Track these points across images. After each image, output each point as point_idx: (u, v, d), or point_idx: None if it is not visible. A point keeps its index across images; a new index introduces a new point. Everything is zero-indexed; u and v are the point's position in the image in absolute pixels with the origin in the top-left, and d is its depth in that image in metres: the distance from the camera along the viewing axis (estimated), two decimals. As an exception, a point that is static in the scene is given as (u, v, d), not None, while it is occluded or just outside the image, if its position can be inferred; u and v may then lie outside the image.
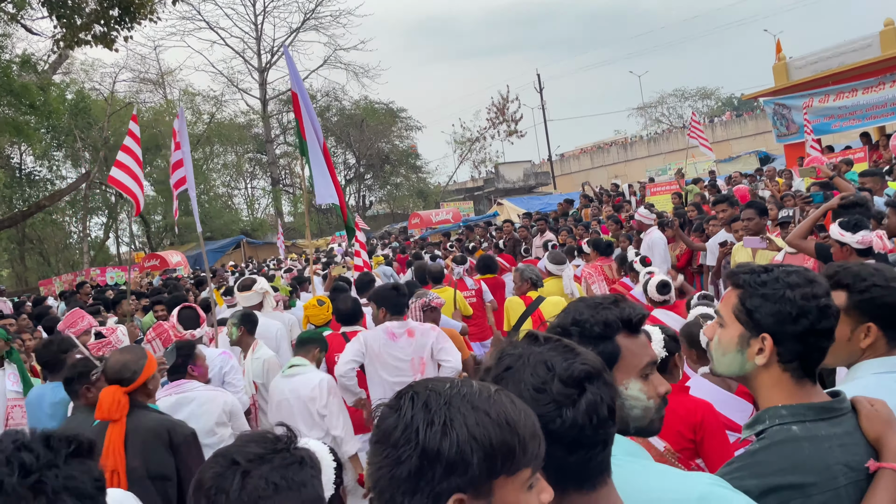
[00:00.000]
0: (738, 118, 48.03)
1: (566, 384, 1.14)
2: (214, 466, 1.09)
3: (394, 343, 4.44)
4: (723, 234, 7.25)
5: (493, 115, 44.81)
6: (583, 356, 1.18)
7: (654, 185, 16.27)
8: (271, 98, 44.42)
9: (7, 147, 29.71)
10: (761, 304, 1.55)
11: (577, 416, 1.13)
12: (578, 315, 1.44)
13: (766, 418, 1.55)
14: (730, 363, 1.62)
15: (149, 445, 2.97)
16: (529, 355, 1.19)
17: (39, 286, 22.79)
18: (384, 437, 0.98)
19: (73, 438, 0.90)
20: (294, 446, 1.14)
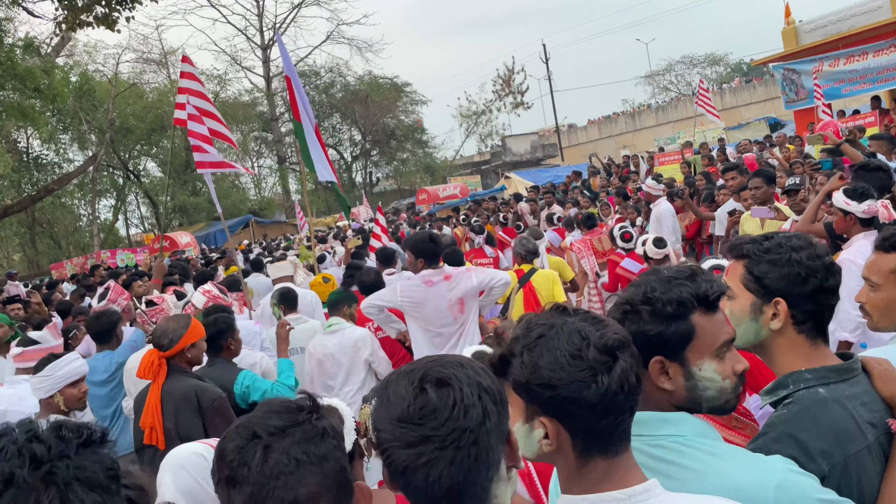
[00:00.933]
0: (748, 84, 47.38)
1: (601, 351, 1.17)
2: (236, 438, 1.08)
3: (430, 289, 4.48)
4: (731, 204, 7.21)
5: (498, 87, 44.45)
6: (613, 327, 1.23)
7: (663, 155, 16.13)
8: (275, 75, 44.14)
9: (13, 131, 29.79)
10: (770, 270, 1.58)
11: (611, 382, 1.16)
12: (650, 291, 1.40)
13: (789, 383, 1.56)
14: (744, 333, 1.63)
15: (179, 408, 3.21)
16: (562, 325, 1.21)
17: (51, 269, 22.96)
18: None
19: (84, 428, 0.90)
20: (316, 417, 1.12)
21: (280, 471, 1.03)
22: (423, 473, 1.04)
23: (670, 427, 1.38)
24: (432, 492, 1.05)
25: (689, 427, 1.39)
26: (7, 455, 0.83)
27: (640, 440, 1.38)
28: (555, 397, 1.16)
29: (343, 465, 1.10)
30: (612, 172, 16.74)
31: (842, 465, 1.42)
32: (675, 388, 1.40)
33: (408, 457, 1.04)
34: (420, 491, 1.06)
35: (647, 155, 19.10)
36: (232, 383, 3.71)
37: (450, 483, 1.04)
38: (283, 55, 7.28)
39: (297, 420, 1.09)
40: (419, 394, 1.06)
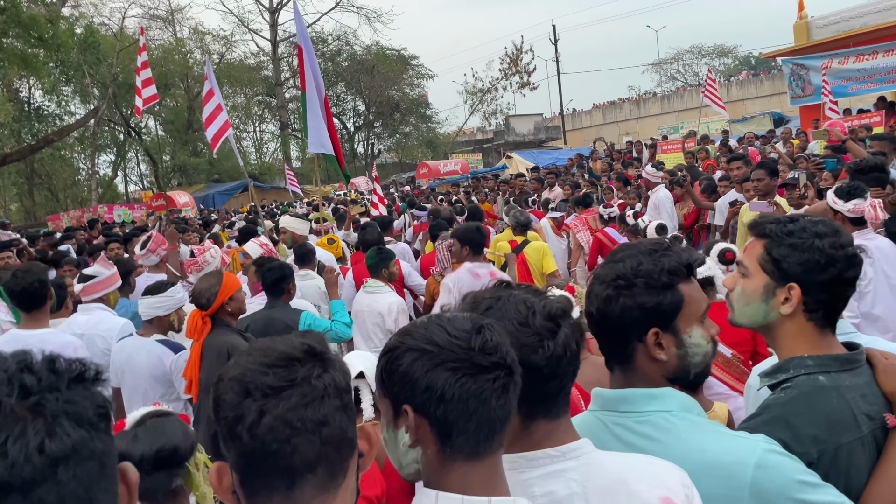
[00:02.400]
0: (755, 78, 47.13)
1: (546, 319, 1.26)
2: (230, 391, 1.00)
3: (478, 282, 4.60)
4: (733, 194, 7.24)
5: (506, 65, 44.13)
6: (554, 298, 1.32)
7: (666, 143, 16.11)
8: (282, 40, 43.72)
9: (15, 81, 29.53)
10: (789, 254, 1.54)
11: (555, 347, 1.26)
12: (639, 265, 1.42)
13: (790, 367, 1.55)
14: (753, 313, 1.62)
15: (213, 362, 3.39)
16: (508, 296, 1.31)
17: (48, 221, 22.90)
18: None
19: (78, 363, 0.83)
20: (317, 374, 1.01)
21: (273, 437, 0.96)
22: (496, 398, 1.10)
23: (657, 402, 1.41)
24: (496, 416, 1.11)
25: (675, 402, 1.41)
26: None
27: (628, 417, 1.41)
28: None
29: (344, 425, 1.02)
30: (614, 158, 16.74)
31: (832, 453, 1.42)
32: (668, 359, 1.42)
33: (483, 382, 1.09)
34: (483, 417, 1.10)
35: (650, 142, 19.09)
36: (296, 322, 4.11)
37: (508, 410, 1.13)
38: (297, 23, 7.36)
39: (293, 379, 1.00)
40: (480, 329, 1.13)
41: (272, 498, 1.00)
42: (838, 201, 4.08)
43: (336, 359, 1.07)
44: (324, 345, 1.07)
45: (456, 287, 4.75)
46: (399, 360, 1.11)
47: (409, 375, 1.10)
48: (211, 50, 37.93)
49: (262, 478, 1.00)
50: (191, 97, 36.26)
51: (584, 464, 1.25)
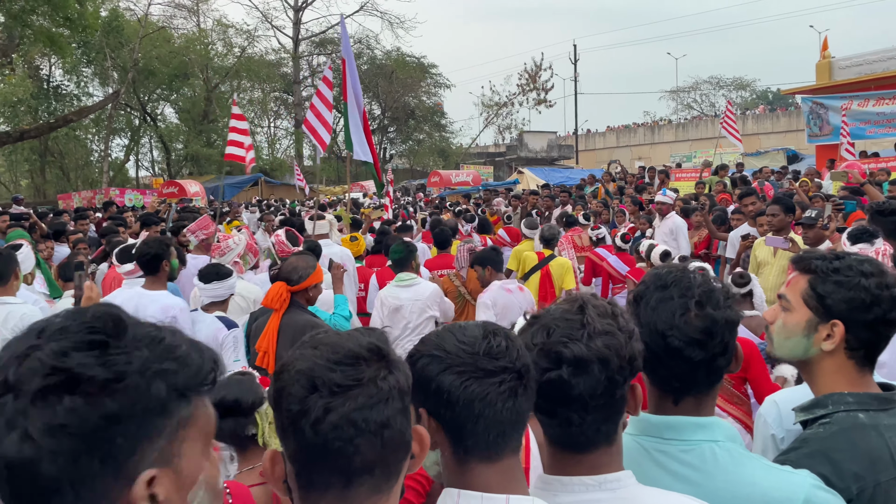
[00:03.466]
0: (772, 113, 47.25)
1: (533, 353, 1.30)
2: (295, 384, 1.01)
3: (510, 296, 5.24)
4: (745, 228, 7.23)
5: (524, 81, 44.27)
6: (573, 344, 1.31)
7: (679, 171, 16.13)
8: (304, 38, 43.94)
9: (37, 58, 29.70)
10: (834, 291, 1.54)
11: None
12: (709, 282, 1.46)
13: (829, 403, 1.54)
14: (793, 347, 1.62)
15: (294, 339, 3.35)
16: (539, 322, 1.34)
17: (58, 199, 22.99)
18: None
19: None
20: (383, 376, 1.03)
21: (337, 436, 0.97)
22: (502, 401, 1.13)
23: (704, 432, 1.40)
24: (504, 418, 1.14)
25: (722, 432, 1.41)
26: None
27: (672, 445, 1.40)
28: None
29: (403, 428, 1.03)
30: (627, 181, 16.73)
31: (870, 491, 1.42)
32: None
33: (488, 386, 1.13)
34: (492, 420, 1.13)
35: (661, 168, 19.09)
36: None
37: (518, 412, 1.15)
38: (343, 39, 7.56)
39: (360, 378, 1.01)
40: (490, 335, 1.18)
41: (326, 494, 1.01)
42: (847, 243, 4.16)
43: (399, 360, 1.08)
44: (388, 344, 1.09)
45: (493, 304, 5.16)
46: (415, 365, 1.16)
47: (422, 380, 1.14)
48: (233, 43, 38.10)
49: (319, 473, 1.01)
50: (209, 88, 36.42)
51: (619, 497, 1.24)
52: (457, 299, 6.07)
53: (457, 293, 6.08)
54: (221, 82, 37.49)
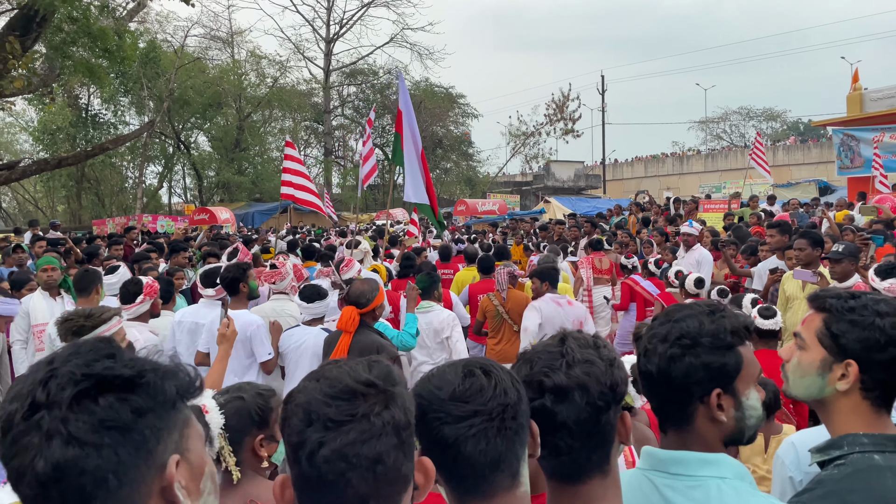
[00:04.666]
0: (803, 144, 46.80)
1: (526, 383, 1.32)
2: (294, 417, 1.06)
3: (560, 309, 5.82)
4: (773, 261, 7.11)
5: (551, 111, 44.48)
6: (567, 370, 1.32)
7: (708, 202, 16.00)
8: (334, 69, 44.74)
9: (77, 87, 30.59)
10: (849, 330, 1.53)
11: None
12: (702, 324, 1.44)
13: (844, 444, 1.52)
14: (808, 386, 1.60)
15: (363, 356, 3.57)
16: (536, 350, 1.39)
17: (93, 225, 23.50)
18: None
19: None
20: (377, 410, 1.05)
21: (329, 469, 1.01)
22: (472, 444, 1.15)
23: (711, 468, 1.39)
24: (478, 461, 1.16)
25: (730, 469, 1.40)
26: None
27: (679, 480, 1.39)
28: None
29: (399, 463, 1.05)
30: (655, 212, 16.64)
31: None
32: (726, 420, 1.42)
33: (458, 430, 1.16)
34: (467, 462, 1.16)
35: (689, 198, 18.96)
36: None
37: (494, 454, 1.16)
38: (402, 92, 8.22)
39: (354, 414, 1.03)
40: (467, 376, 1.20)
41: None
42: (875, 279, 4.06)
43: (399, 394, 1.09)
44: (389, 379, 1.10)
45: (541, 310, 5.78)
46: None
47: (418, 425, 1.18)
48: (266, 74, 38.92)
49: (316, 502, 1.05)
50: (241, 117, 37.17)
51: None
52: (495, 318, 6.51)
53: (495, 313, 6.50)
54: (253, 111, 38.25)
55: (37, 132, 32.40)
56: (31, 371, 0.93)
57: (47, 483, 0.85)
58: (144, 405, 0.91)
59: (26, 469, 0.86)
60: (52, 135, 30.81)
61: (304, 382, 1.11)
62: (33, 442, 0.86)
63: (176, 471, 0.93)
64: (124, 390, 0.91)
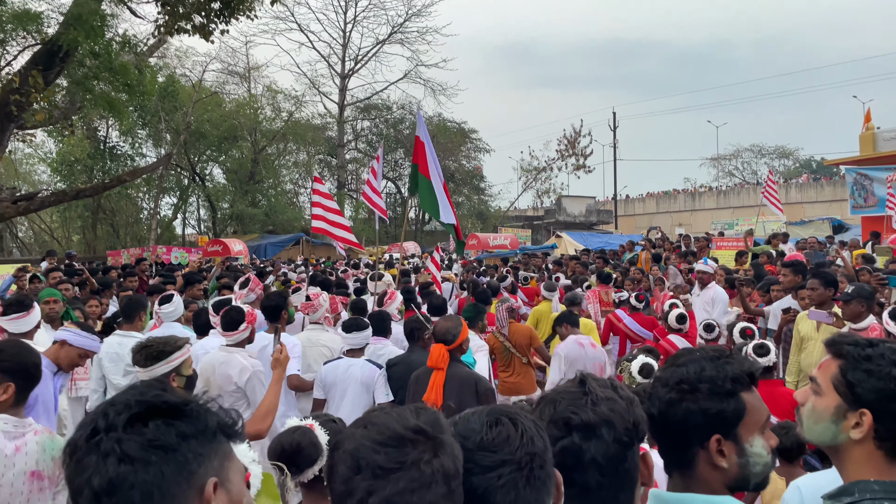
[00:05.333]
0: (815, 182, 46.71)
1: (554, 424, 1.32)
2: (342, 465, 1.05)
3: (583, 350, 5.98)
4: (788, 301, 7.05)
5: (563, 146, 44.75)
6: (593, 407, 1.33)
7: (721, 240, 15.95)
8: (349, 104, 45.36)
9: (96, 120, 31.14)
10: (864, 379, 1.52)
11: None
12: (703, 370, 1.45)
13: (855, 491, 1.51)
14: (822, 432, 1.59)
15: (462, 389, 4.15)
16: (556, 394, 1.39)
17: (108, 256, 23.70)
18: None
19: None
20: (427, 459, 1.04)
21: None
22: (501, 495, 1.12)
23: None
24: None
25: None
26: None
27: None
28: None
29: None
30: (666, 248, 16.60)
31: None
32: (728, 466, 1.42)
33: (487, 480, 1.12)
34: None
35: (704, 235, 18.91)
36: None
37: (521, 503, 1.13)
38: (420, 127, 8.26)
39: (403, 461, 1.02)
40: (493, 425, 1.18)
41: None
42: (890, 322, 4.00)
43: (448, 442, 1.08)
44: (437, 426, 1.10)
45: (565, 355, 5.93)
46: None
47: None
48: (281, 108, 39.50)
49: None
50: (256, 150, 37.64)
51: None
52: (503, 353, 6.64)
53: (502, 348, 6.64)
54: (268, 145, 38.74)
55: (55, 163, 32.92)
56: (96, 407, 1.05)
57: (101, 496, 0.96)
58: (188, 430, 1.02)
59: (84, 485, 0.97)
60: (69, 166, 31.28)
61: (350, 429, 1.10)
62: (92, 461, 0.97)
63: (214, 494, 1.02)
64: (171, 416, 1.01)
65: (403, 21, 43.77)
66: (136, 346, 3.50)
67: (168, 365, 3.40)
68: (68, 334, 3.80)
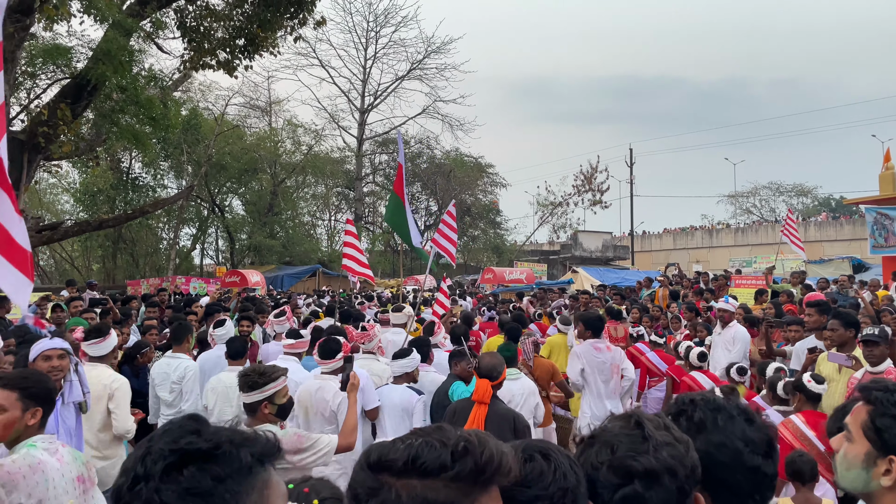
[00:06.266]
0: (835, 221, 46.36)
1: (613, 471, 1.27)
2: (346, 499, 1.11)
3: (599, 353, 6.60)
4: (812, 340, 6.98)
5: (579, 182, 44.88)
6: (654, 453, 1.28)
7: (739, 278, 15.83)
8: (367, 138, 45.93)
9: (119, 151, 31.72)
10: (892, 425, 1.51)
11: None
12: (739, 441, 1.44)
13: None
14: (854, 479, 1.58)
15: (501, 425, 4.34)
16: (607, 435, 1.32)
17: (127, 285, 23.94)
18: None
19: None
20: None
21: None
22: None
23: None
24: None
25: None
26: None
27: None
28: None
29: None
30: (684, 285, 16.51)
31: None
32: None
33: None
34: None
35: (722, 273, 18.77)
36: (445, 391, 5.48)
37: None
38: (399, 150, 8.90)
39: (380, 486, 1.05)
40: (527, 461, 1.21)
41: None
42: None
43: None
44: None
45: (584, 355, 6.53)
46: None
47: None
48: (301, 141, 40.06)
49: None
50: (275, 182, 38.10)
51: None
52: None
53: None
54: (287, 177, 39.20)
55: (78, 193, 33.47)
56: (137, 448, 1.10)
57: None
58: (222, 472, 1.05)
59: None
60: (92, 196, 31.78)
61: (357, 463, 1.14)
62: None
63: None
64: (204, 461, 1.05)
65: (423, 58, 44.56)
66: (240, 373, 3.86)
67: (262, 394, 3.69)
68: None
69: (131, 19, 15.92)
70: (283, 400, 3.76)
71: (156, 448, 1.07)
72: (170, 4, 17.53)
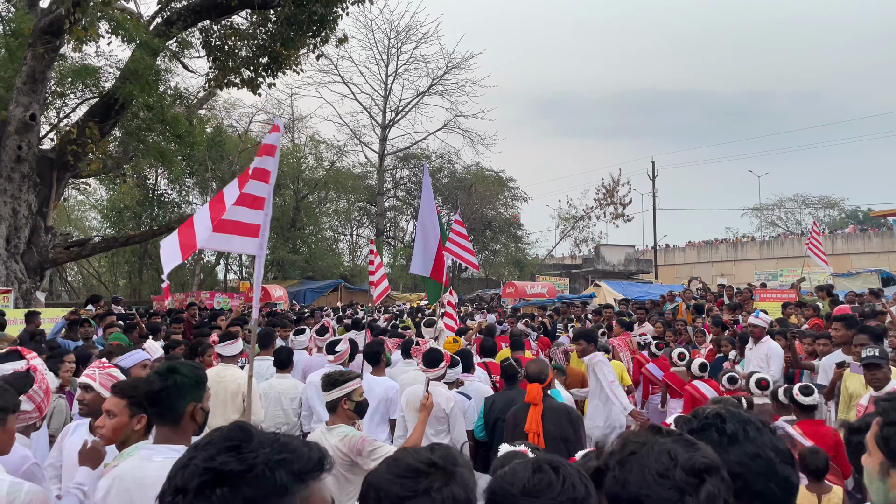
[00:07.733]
0: (862, 233, 45.62)
1: (688, 473, 1.19)
2: (367, 497, 1.21)
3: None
4: (839, 354, 6.87)
5: (601, 195, 44.69)
6: (703, 450, 1.25)
7: (764, 291, 15.63)
8: (389, 153, 46.22)
9: (146, 168, 32.25)
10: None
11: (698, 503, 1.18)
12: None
13: None
14: (875, 491, 1.57)
15: (559, 419, 4.83)
16: (654, 444, 1.25)
17: (153, 300, 24.24)
18: None
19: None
20: (438, 487, 1.18)
21: None
22: None
23: None
24: None
25: None
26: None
27: None
28: None
29: None
30: (708, 299, 16.34)
31: None
32: None
33: None
34: None
35: (747, 286, 18.56)
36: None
37: None
38: (425, 182, 8.88)
39: (416, 490, 1.17)
40: (536, 472, 1.25)
41: None
42: None
43: (460, 473, 1.22)
44: (450, 459, 1.24)
45: (596, 369, 6.88)
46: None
47: None
48: (323, 157, 40.40)
49: None
50: (298, 198, 38.42)
51: None
52: None
53: None
54: (310, 193, 39.52)
55: (105, 210, 34.03)
56: (185, 453, 1.14)
57: None
58: (254, 495, 1.06)
59: None
60: (119, 213, 32.29)
61: (378, 465, 1.26)
62: None
63: None
64: (236, 482, 1.07)
65: (443, 74, 44.83)
66: (323, 375, 4.31)
67: (341, 391, 4.12)
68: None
69: (158, 39, 16.26)
70: (359, 398, 4.19)
71: (194, 462, 1.10)
72: (195, 24, 17.87)
